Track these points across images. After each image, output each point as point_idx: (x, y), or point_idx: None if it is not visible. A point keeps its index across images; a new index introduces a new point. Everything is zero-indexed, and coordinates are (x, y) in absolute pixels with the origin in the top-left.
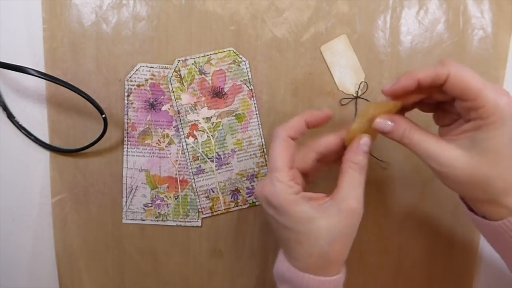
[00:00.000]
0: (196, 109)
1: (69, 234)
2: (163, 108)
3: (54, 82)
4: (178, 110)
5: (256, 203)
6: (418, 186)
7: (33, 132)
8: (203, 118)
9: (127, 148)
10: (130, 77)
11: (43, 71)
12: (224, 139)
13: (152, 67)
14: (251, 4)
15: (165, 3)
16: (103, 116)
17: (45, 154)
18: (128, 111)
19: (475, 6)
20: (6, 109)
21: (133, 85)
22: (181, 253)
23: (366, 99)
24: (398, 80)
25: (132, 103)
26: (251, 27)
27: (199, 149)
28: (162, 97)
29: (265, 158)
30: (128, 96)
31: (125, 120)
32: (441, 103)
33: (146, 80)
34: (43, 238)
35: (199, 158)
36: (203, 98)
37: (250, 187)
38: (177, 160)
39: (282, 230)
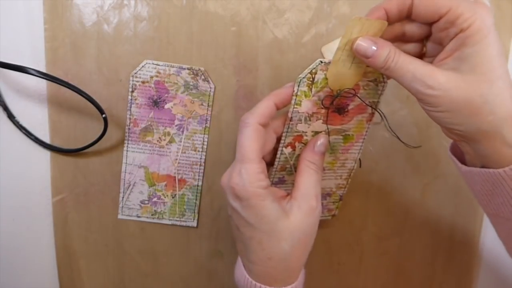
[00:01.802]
0: (310, 120)
1: (69, 234)
2: (166, 106)
3: (55, 82)
4: (291, 117)
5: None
6: (419, 187)
7: (34, 132)
8: (312, 131)
9: (128, 143)
10: (135, 73)
11: (44, 71)
12: None
13: (158, 65)
14: (252, 5)
15: (166, 3)
16: (104, 116)
17: (46, 154)
18: (131, 107)
19: None
20: (6, 109)
21: (137, 81)
22: (181, 254)
23: None
24: (368, 13)
25: (135, 99)
26: (252, 28)
27: (291, 161)
28: (166, 95)
29: (347, 181)
30: (132, 92)
31: (128, 116)
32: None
33: (151, 77)
34: (43, 238)
35: (287, 169)
36: (323, 111)
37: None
38: (176, 159)
39: (244, 227)
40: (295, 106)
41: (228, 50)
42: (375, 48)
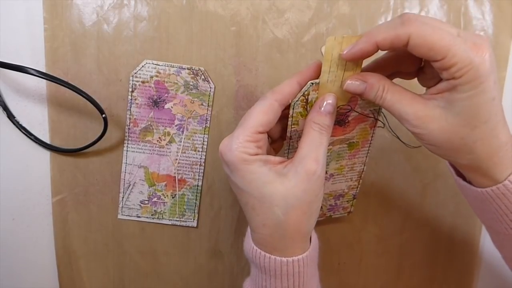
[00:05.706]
0: None
1: (69, 234)
2: (166, 106)
3: (55, 82)
4: (290, 136)
5: (332, 216)
6: (419, 187)
7: (33, 132)
8: None
9: (128, 143)
10: (135, 73)
11: (44, 71)
12: (328, 165)
13: (158, 65)
14: (252, 5)
15: (166, 3)
16: (103, 116)
17: (46, 154)
18: (131, 107)
19: (476, 7)
20: (6, 109)
21: (137, 81)
22: (181, 254)
23: None
24: (357, 43)
25: (135, 99)
26: (252, 28)
27: None
28: (166, 95)
29: (358, 182)
30: (132, 91)
31: (127, 116)
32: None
33: (151, 77)
34: (43, 238)
35: None
36: None
37: (333, 204)
38: (176, 159)
39: (238, 194)
40: (293, 126)
41: (228, 50)
42: (364, 86)
